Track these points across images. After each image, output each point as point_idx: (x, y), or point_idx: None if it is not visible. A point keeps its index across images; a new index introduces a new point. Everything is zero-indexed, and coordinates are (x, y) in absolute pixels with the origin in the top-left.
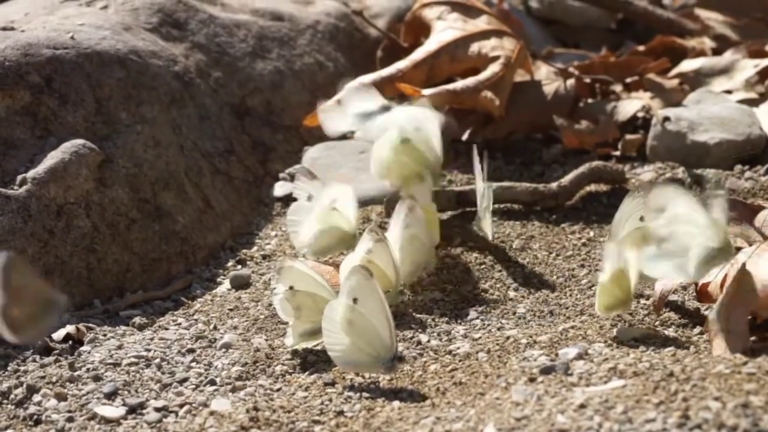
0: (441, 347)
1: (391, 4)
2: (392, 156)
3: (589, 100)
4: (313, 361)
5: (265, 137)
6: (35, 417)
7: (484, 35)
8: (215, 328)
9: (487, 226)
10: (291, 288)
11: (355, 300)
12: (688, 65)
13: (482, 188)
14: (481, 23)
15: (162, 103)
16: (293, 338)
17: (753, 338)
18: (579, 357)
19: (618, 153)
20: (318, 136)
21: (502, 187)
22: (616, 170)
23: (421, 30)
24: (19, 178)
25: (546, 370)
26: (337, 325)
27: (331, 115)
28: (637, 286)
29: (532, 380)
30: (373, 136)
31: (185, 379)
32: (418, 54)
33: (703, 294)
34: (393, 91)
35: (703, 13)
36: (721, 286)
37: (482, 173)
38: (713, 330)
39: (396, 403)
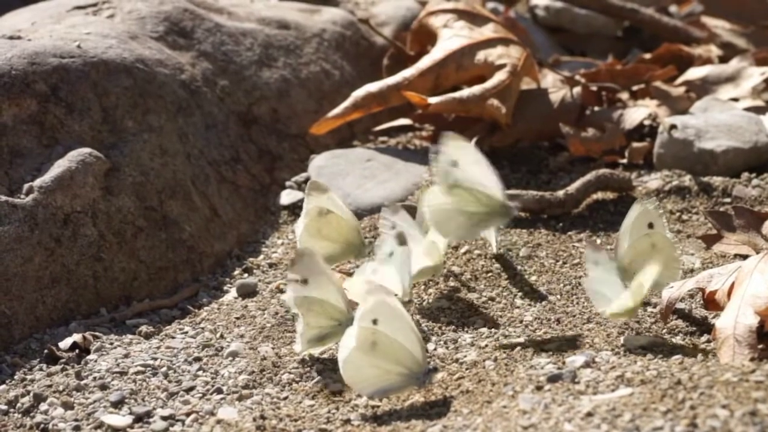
0: (448, 355)
1: (397, 12)
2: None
3: (596, 108)
4: (320, 369)
5: (272, 145)
6: (42, 426)
7: (490, 43)
8: (222, 336)
9: (491, 238)
10: (305, 281)
11: (375, 321)
12: (694, 73)
13: None
14: (488, 31)
15: (168, 111)
16: (302, 345)
17: (761, 346)
18: (586, 365)
19: (625, 161)
20: (324, 144)
21: (508, 195)
22: (623, 178)
23: (427, 38)
24: (26, 186)
25: (553, 378)
26: (357, 359)
27: None
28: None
29: (539, 388)
30: None
31: (192, 388)
32: (425, 62)
33: (710, 302)
34: (399, 100)
35: (709, 21)
36: (729, 293)
37: None
38: (721, 338)
39: (403, 412)
